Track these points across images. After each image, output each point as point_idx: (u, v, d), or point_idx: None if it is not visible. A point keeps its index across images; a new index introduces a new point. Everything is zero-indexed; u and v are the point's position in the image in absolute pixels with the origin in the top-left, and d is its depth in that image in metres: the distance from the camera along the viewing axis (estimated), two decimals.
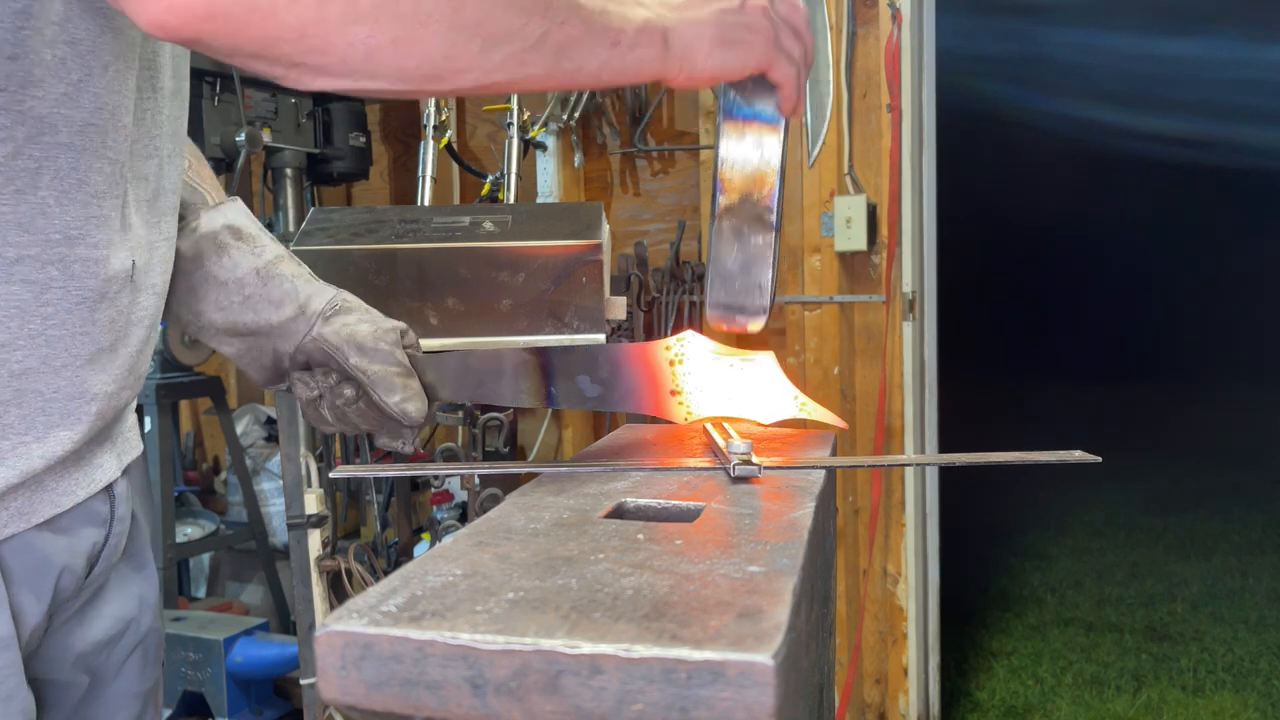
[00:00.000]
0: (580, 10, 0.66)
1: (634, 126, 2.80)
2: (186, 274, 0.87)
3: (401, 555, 2.70)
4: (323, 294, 0.89)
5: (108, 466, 0.80)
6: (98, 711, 0.85)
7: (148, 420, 2.95)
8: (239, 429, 3.35)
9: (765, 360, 0.79)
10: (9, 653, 0.71)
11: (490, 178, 2.60)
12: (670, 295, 2.74)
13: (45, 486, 0.73)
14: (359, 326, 0.87)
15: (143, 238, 0.79)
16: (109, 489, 0.79)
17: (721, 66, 0.73)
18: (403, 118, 3.34)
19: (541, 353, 0.83)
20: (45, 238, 0.69)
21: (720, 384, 0.78)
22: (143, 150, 0.79)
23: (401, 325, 0.89)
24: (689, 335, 0.80)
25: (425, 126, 2.46)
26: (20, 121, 0.66)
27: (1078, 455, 0.67)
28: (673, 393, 0.79)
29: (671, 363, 0.79)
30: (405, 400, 0.84)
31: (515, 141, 2.51)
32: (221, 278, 0.87)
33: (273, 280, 0.88)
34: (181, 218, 0.89)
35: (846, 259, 2.61)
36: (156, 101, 0.80)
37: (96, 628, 0.83)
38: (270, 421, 3.42)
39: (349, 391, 0.86)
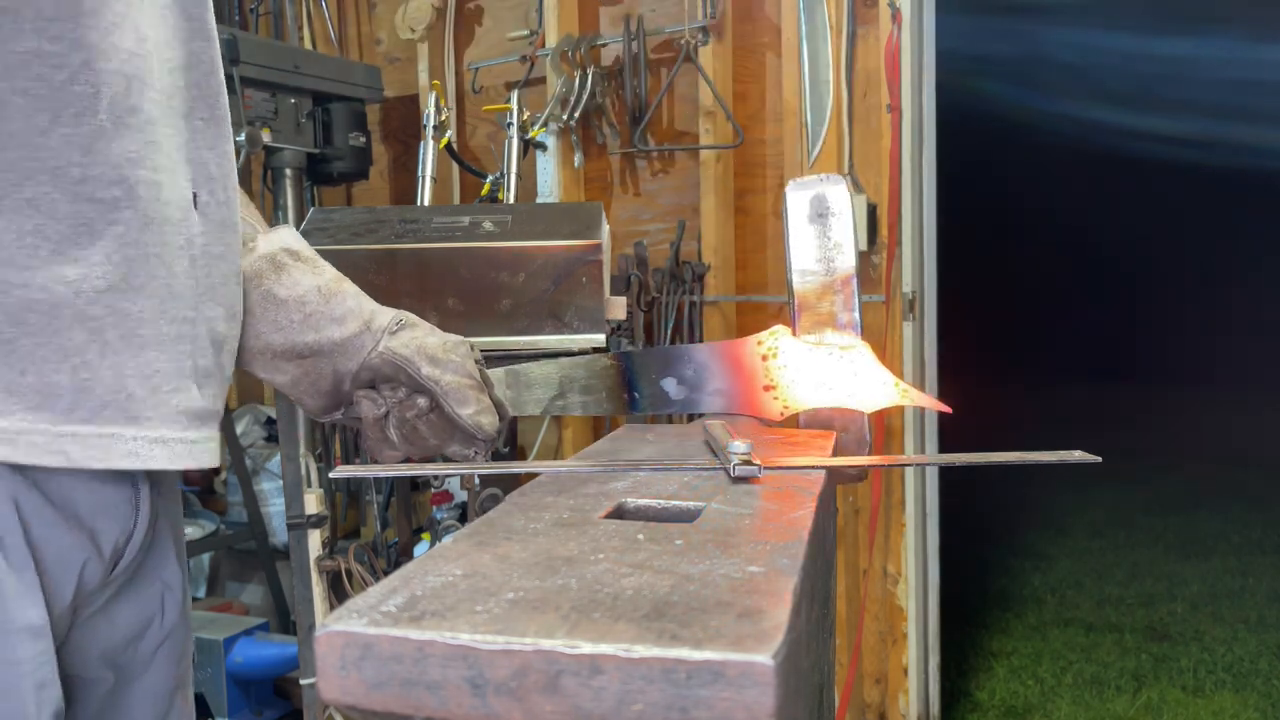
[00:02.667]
0: None
1: (634, 126, 2.80)
2: (244, 295, 0.85)
3: (401, 555, 2.70)
4: (386, 311, 0.88)
5: (211, 450, 0.80)
6: (127, 707, 0.85)
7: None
8: (239, 429, 3.35)
9: (861, 350, 0.79)
10: (43, 641, 0.72)
11: (490, 178, 2.60)
12: (670, 295, 2.74)
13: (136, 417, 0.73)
14: (428, 339, 0.86)
15: (212, 172, 0.81)
16: (134, 485, 0.79)
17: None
18: (403, 118, 3.34)
19: (622, 357, 0.82)
20: (106, 159, 0.72)
21: (818, 375, 0.78)
22: (203, 90, 0.82)
23: (469, 340, 0.88)
24: (780, 329, 0.80)
25: (425, 126, 2.46)
26: (76, 48, 0.69)
27: (1078, 455, 0.67)
28: (766, 388, 0.79)
29: (764, 357, 0.79)
30: (479, 413, 0.83)
31: (515, 141, 2.51)
32: (281, 295, 0.85)
33: (335, 297, 0.86)
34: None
35: None
36: (210, 49, 0.83)
37: (122, 624, 0.83)
38: (270, 421, 3.42)
39: (422, 402, 0.84)
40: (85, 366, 0.71)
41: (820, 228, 0.81)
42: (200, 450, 0.78)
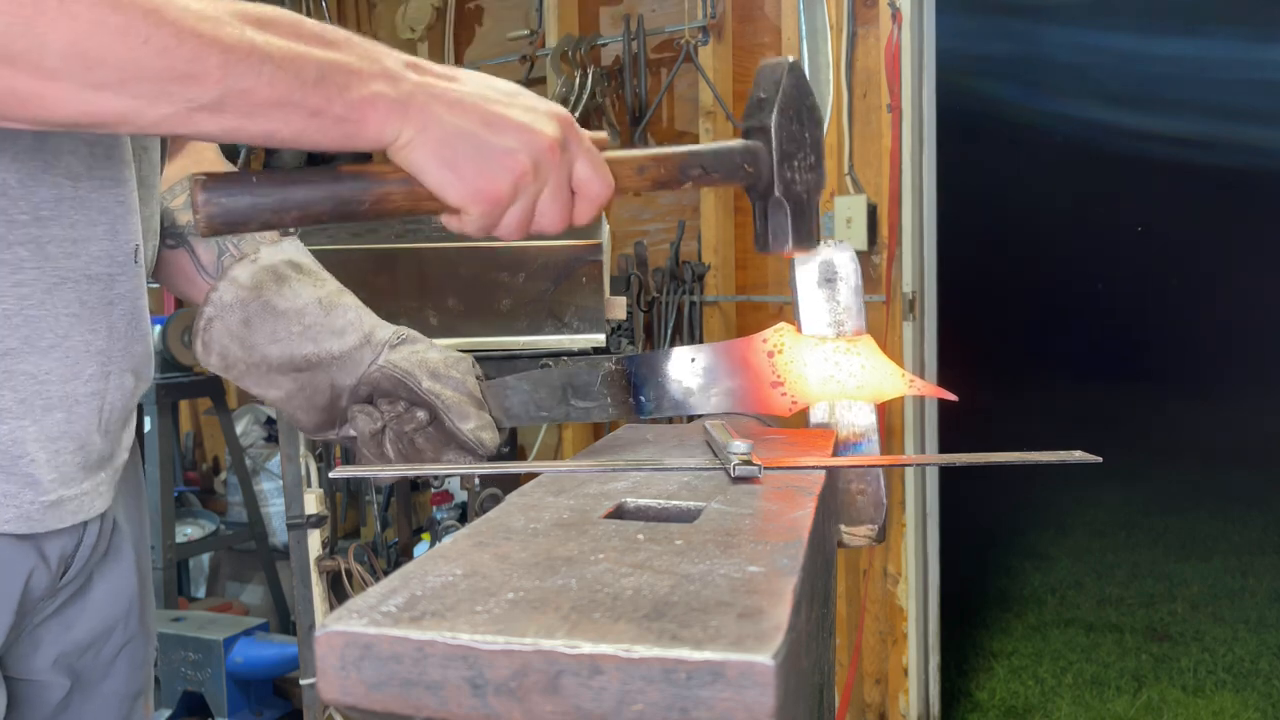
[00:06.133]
0: (275, 74, 0.59)
1: (634, 126, 2.80)
2: (243, 304, 0.83)
3: (401, 555, 2.70)
4: (386, 326, 0.87)
5: (103, 493, 0.80)
6: (85, 713, 0.84)
7: (148, 420, 2.95)
8: (239, 429, 3.35)
9: (866, 343, 0.79)
10: None
11: None
12: (670, 295, 2.74)
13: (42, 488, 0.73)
14: (429, 353, 0.85)
15: (142, 219, 0.79)
16: None
17: (426, 177, 0.65)
18: None
19: (626, 362, 0.82)
20: (9, 218, 0.69)
21: (825, 369, 0.79)
22: (145, 141, 0.80)
23: (470, 355, 0.87)
24: (784, 326, 0.80)
25: None
26: None
27: (1078, 455, 0.67)
28: (774, 384, 0.79)
29: (770, 354, 0.79)
30: (480, 428, 0.83)
31: None
32: (280, 307, 0.83)
33: (335, 310, 0.85)
34: (235, 256, 0.88)
35: None
36: None
37: (79, 629, 0.82)
38: (270, 421, 3.42)
39: (422, 415, 0.83)
40: None
41: (829, 292, 0.83)
42: (90, 499, 0.78)
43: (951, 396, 0.80)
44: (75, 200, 0.73)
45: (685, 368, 0.81)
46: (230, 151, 2.57)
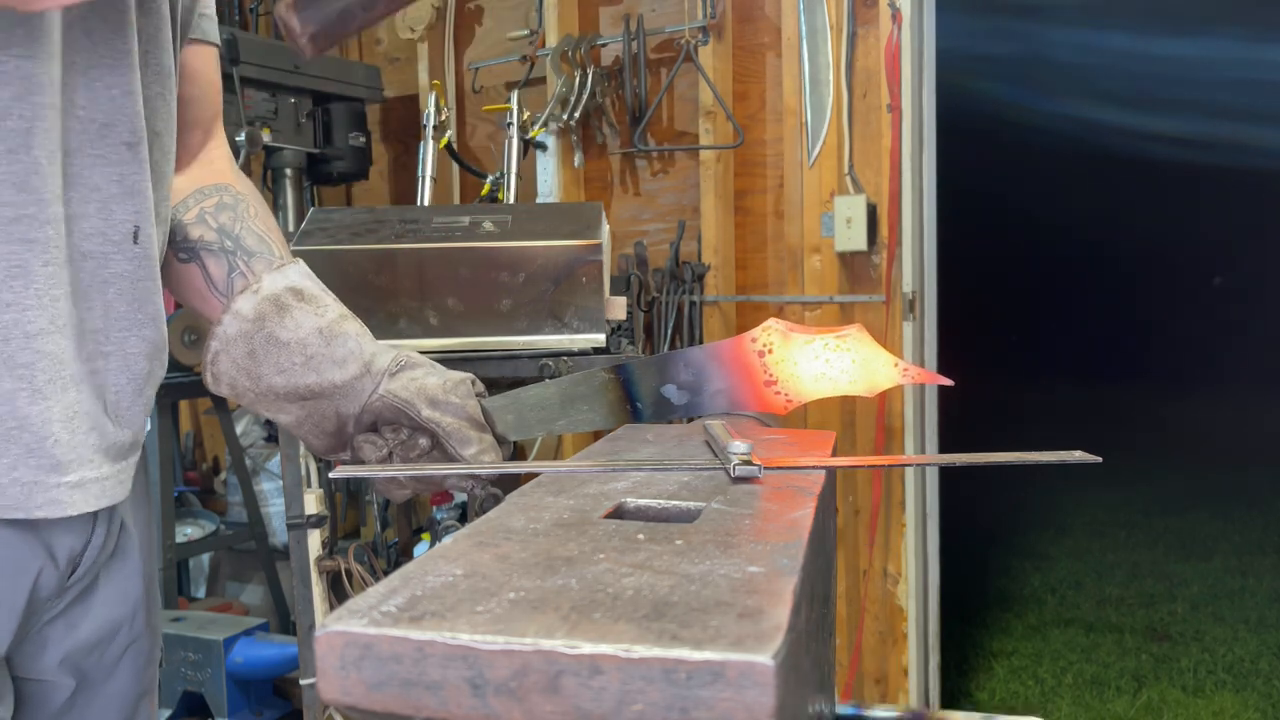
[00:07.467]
0: None
1: (634, 126, 2.80)
2: (247, 336, 0.84)
3: (401, 555, 2.70)
4: (387, 352, 0.87)
5: (124, 482, 0.80)
6: (89, 713, 0.84)
7: (148, 420, 2.94)
8: (239, 429, 3.35)
9: (858, 335, 0.79)
10: None
11: (490, 178, 2.60)
12: (670, 295, 2.74)
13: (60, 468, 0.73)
14: (427, 379, 0.85)
15: (149, 202, 0.80)
16: None
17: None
18: (402, 118, 3.34)
19: (620, 370, 0.82)
20: (39, 197, 0.70)
21: (817, 365, 0.78)
22: (152, 121, 0.81)
23: (470, 376, 0.88)
24: (772, 323, 0.80)
25: (425, 126, 2.46)
26: (7, 81, 0.67)
27: (1078, 455, 0.67)
28: (768, 383, 0.79)
29: (761, 353, 0.79)
30: (481, 453, 0.83)
31: (515, 141, 2.50)
32: (283, 338, 0.84)
33: (336, 339, 0.85)
34: (245, 275, 0.89)
35: (846, 259, 2.60)
36: (161, 83, 0.82)
37: (85, 629, 0.83)
38: (270, 422, 3.42)
39: (424, 442, 0.84)
40: (13, 414, 0.70)
41: None
42: (113, 485, 0.78)
43: (948, 381, 0.80)
44: (73, 176, 0.74)
45: (677, 371, 0.81)
46: None
